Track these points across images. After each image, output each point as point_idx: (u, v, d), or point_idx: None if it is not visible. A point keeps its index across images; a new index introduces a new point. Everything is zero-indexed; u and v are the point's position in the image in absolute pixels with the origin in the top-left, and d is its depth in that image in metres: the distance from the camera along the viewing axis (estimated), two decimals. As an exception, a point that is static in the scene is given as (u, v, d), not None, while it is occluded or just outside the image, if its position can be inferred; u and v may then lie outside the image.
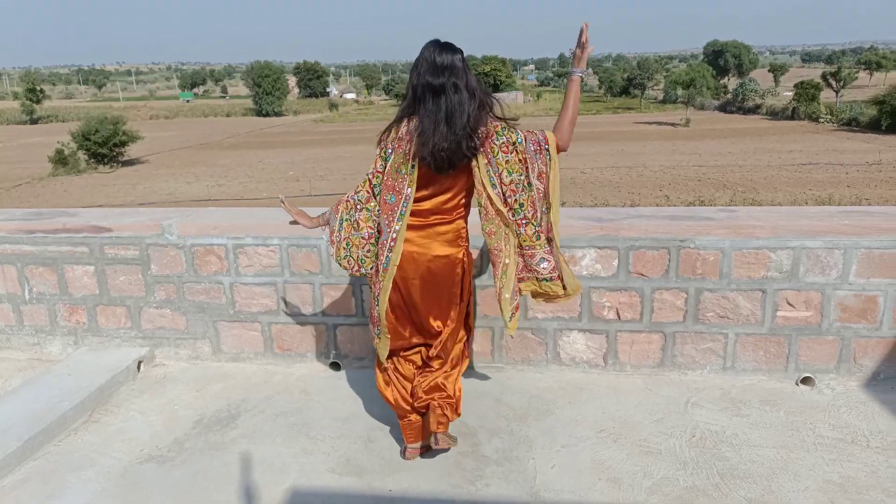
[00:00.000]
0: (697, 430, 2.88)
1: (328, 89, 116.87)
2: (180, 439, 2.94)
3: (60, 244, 3.64)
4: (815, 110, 55.31)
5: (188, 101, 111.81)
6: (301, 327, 3.57)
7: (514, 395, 3.23)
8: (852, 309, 3.17)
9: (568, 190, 28.04)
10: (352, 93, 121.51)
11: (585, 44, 2.39)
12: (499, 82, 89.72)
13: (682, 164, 35.74)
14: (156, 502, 2.52)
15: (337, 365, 3.58)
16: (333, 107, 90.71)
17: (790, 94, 63.04)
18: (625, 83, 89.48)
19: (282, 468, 2.70)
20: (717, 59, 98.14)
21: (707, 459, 2.67)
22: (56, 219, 3.76)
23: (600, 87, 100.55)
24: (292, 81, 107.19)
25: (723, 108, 70.56)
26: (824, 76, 63.24)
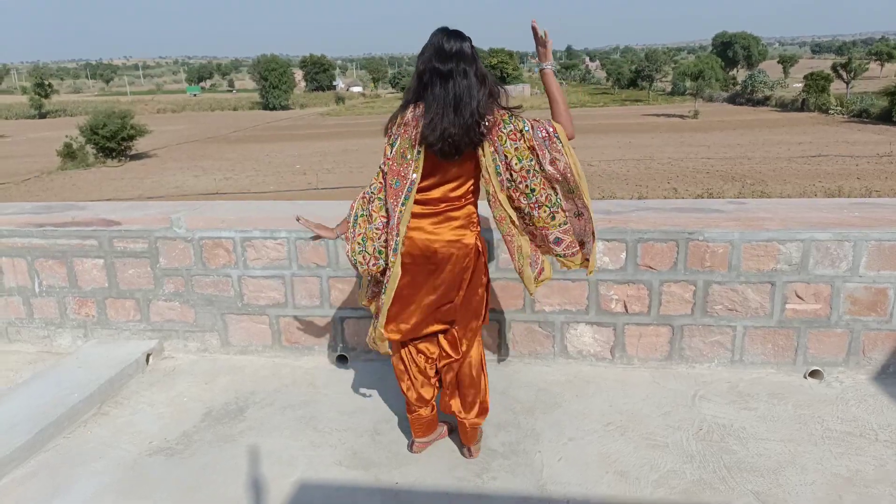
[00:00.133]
0: (705, 424, 2.87)
1: (335, 83, 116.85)
2: (189, 432, 2.96)
3: (70, 237, 3.66)
4: (825, 102, 54.90)
5: (195, 95, 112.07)
6: (309, 320, 3.58)
7: (521, 388, 3.23)
8: (862, 302, 3.15)
9: (575, 183, 27.84)
10: (358, 86, 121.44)
11: (544, 38, 2.37)
12: (506, 75, 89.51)
13: (691, 157, 35.57)
14: (164, 495, 2.54)
15: (344, 358, 3.59)
16: (340, 100, 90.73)
17: (800, 85, 62.58)
18: (633, 75, 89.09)
19: (290, 461, 2.71)
20: (725, 51, 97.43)
21: (714, 453, 2.67)
22: (65, 212, 3.78)
23: (608, 80, 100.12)
24: (299, 75, 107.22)
25: (732, 99, 70.15)
26: (834, 67, 62.65)
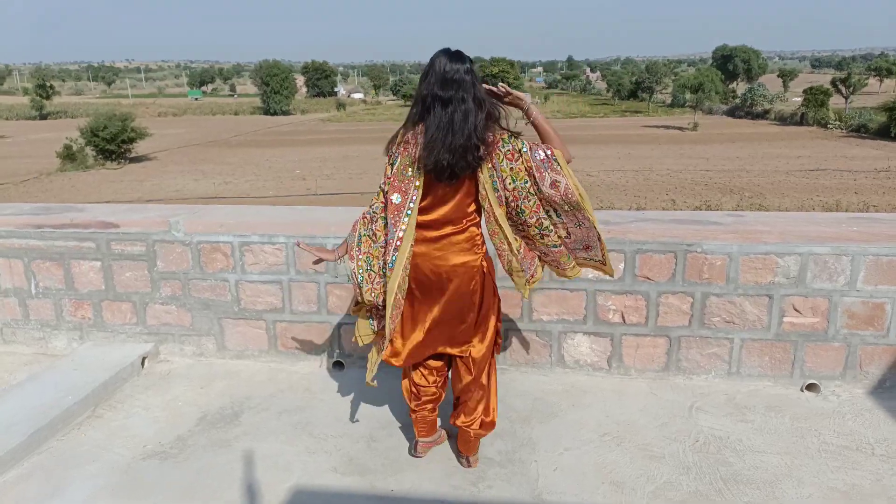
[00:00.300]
0: (701, 435, 2.87)
1: (336, 89, 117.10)
2: (183, 436, 2.95)
3: (67, 239, 3.66)
4: (824, 116, 55.08)
5: (197, 99, 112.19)
6: (306, 326, 3.57)
7: (517, 397, 3.22)
8: (859, 316, 3.15)
9: (574, 193, 27.90)
10: (359, 93, 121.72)
11: (504, 93, 2.43)
12: (507, 84, 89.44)
13: (690, 169, 35.64)
14: (158, 499, 2.53)
15: (340, 364, 3.58)
16: (341, 106, 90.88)
17: (799, 99, 62.80)
18: (633, 86, 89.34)
19: (285, 466, 2.70)
20: (725, 64, 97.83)
21: (710, 465, 2.66)
22: (64, 214, 3.78)
23: (608, 91, 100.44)
24: (300, 81, 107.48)
25: (731, 112, 70.36)
26: (834, 82, 62.94)
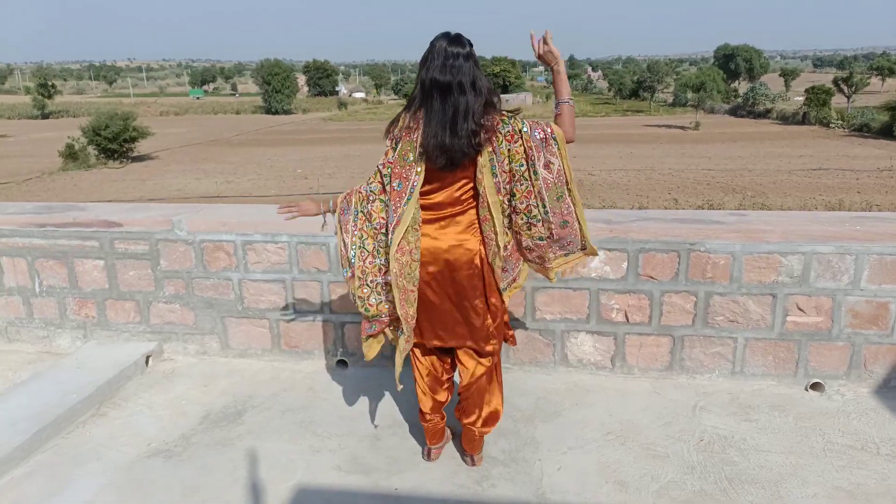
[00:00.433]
0: (705, 435, 2.86)
1: (337, 88, 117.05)
2: (187, 434, 2.95)
3: (71, 238, 3.66)
4: (826, 115, 55.00)
5: (198, 98, 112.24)
6: (309, 324, 3.57)
7: (521, 396, 3.22)
8: (863, 315, 3.14)
9: (576, 192, 27.91)
10: (361, 92, 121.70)
11: (550, 50, 2.32)
12: (508, 83, 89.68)
13: (692, 168, 35.59)
14: (162, 497, 2.53)
15: (344, 363, 3.58)
16: (342, 105, 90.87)
17: (801, 98, 62.71)
18: (634, 86, 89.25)
19: (288, 465, 2.70)
20: (727, 63, 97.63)
21: (715, 464, 2.66)
22: (67, 213, 3.78)
23: (610, 90, 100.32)
24: (302, 80, 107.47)
25: (733, 111, 70.26)
26: (836, 81, 62.82)
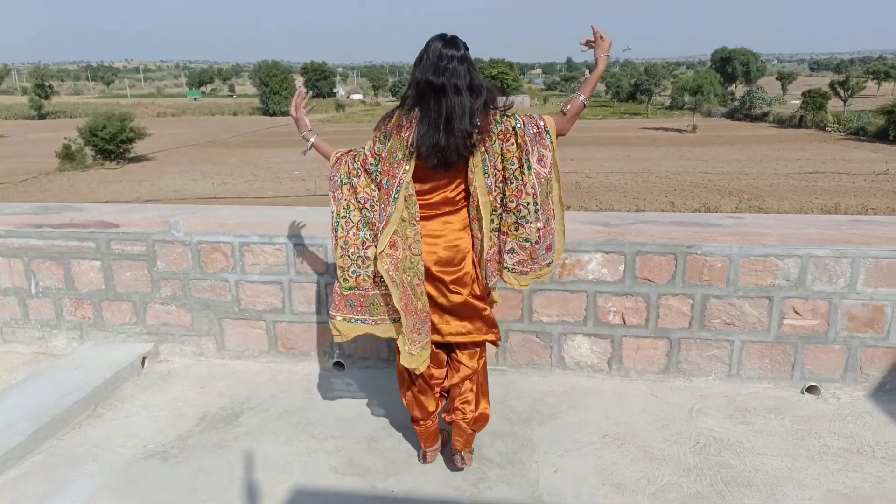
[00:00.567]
0: (702, 437, 2.87)
1: (335, 90, 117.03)
2: (183, 436, 2.94)
3: (67, 239, 3.65)
4: (822, 119, 55.22)
5: (196, 100, 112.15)
6: (306, 326, 3.57)
7: (517, 398, 3.22)
8: (859, 318, 3.15)
9: (573, 194, 28.02)
10: (358, 94, 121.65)
11: (601, 40, 2.32)
12: (506, 86, 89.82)
13: (688, 171, 35.70)
14: (158, 498, 2.52)
15: (341, 364, 3.58)
16: (340, 107, 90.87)
17: (798, 102, 62.92)
18: (632, 89, 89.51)
19: (285, 467, 2.70)
20: (724, 67, 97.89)
21: (711, 466, 2.66)
22: (63, 214, 3.77)
23: (607, 93, 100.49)
24: (299, 81, 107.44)
25: (730, 115, 70.48)
26: (832, 85, 63.09)
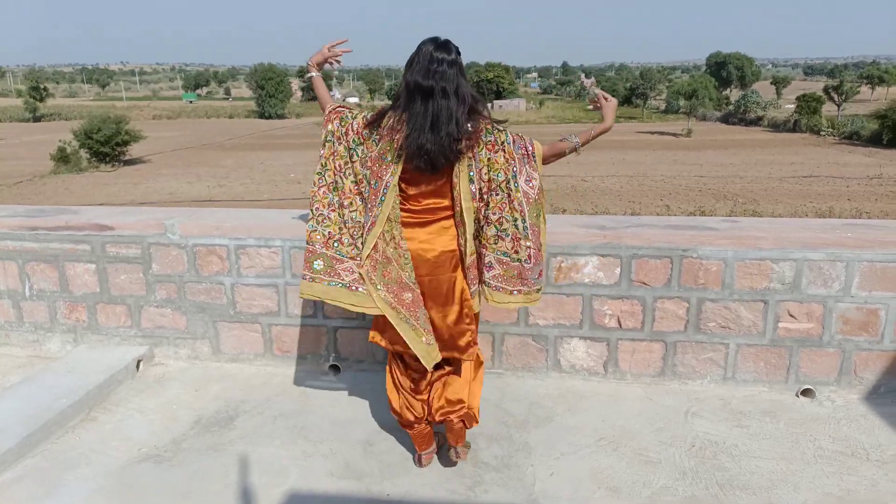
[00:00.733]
0: (697, 440, 2.87)
1: (332, 93, 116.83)
2: (178, 439, 2.93)
3: (62, 241, 3.64)
4: (816, 123, 55.46)
5: (191, 102, 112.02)
6: (301, 329, 3.57)
7: (513, 401, 3.22)
8: (854, 321, 3.16)
9: (569, 197, 28.05)
10: (355, 97, 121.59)
11: (602, 103, 2.43)
12: (501, 89, 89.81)
13: (683, 174, 35.80)
14: (153, 502, 2.51)
15: (336, 368, 3.57)
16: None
17: (792, 106, 63.20)
18: (627, 93, 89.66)
19: (280, 470, 2.69)
20: (719, 71, 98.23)
21: (706, 470, 2.66)
22: (58, 216, 3.76)
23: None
24: (295, 84, 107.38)
25: (725, 119, 70.75)
26: (826, 89, 63.40)
